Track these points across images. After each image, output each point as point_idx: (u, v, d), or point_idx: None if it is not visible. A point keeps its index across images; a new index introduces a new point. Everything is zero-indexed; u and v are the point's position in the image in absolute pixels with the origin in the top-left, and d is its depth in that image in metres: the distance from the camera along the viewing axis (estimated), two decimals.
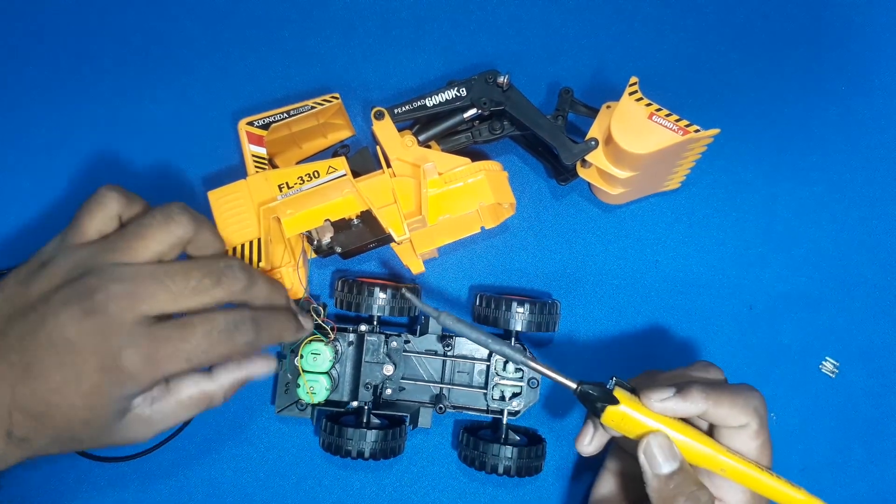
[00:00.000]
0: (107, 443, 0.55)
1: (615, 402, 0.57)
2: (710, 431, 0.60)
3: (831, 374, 0.77)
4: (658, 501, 0.57)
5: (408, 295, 0.61)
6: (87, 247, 0.54)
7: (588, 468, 0.75)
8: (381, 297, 0.70)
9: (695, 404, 0.56)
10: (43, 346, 0.50)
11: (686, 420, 0.59)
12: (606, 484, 0.68)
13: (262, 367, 0.61)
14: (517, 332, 0.71)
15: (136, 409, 0.54)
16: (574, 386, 0.58)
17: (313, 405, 0.72)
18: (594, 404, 0.57)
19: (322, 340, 0.70)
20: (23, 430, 0.51)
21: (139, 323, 0.51)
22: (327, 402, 0.71)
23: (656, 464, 0.56)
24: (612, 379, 0.58)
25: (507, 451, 0.69)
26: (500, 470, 0.68)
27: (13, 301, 0.53)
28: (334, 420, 0.71)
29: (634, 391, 0.59)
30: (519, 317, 0.70)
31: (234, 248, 0.66)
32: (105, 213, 0.56)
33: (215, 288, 0.54)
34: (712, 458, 0.57)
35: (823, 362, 0.77)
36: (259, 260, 0.66)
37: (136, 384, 0.51)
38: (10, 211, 0.78)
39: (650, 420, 0.57)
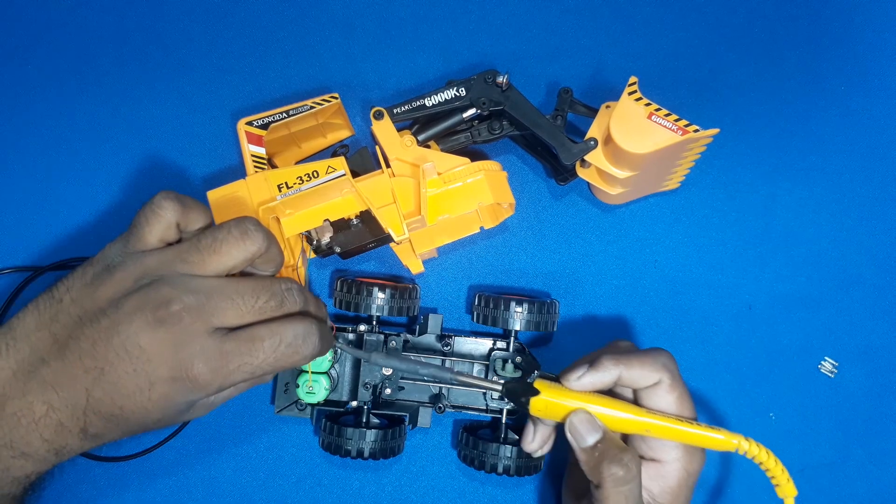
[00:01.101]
0: (172, 426, 0.61)
1: (536, 392, 0.60)
2: (635, 398, 0.63)
3: (830, 374, 0.77)
4: (588, 472, 0.59)
5: (338, 345, 0.66)
6: (155, 254, 0.55)
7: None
8: (380, 297, 0.70)
9: (607, 372, 0.60)
10: (116, 353, 0.51)
11: (609, 393, 0.62)
12: (575, 472, 0.68)
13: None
14: (516, 331, 0.71)
15: (200, 402, 0.57)
16: (498, 388, 0.62)
17: (313, 405, 0.72)
18: (519, 399, 0.61)
19: None
20: (97, 428, 0.53)
21: (210, 335, 0.52)
22: (327, 402, 0.71)
23: (581, 438, 0.59)
24: (534, 373, 0.62)
25: (507, 450, 0.69)
26: (500, 469, 0.68)
27: (82, 303, 0.54)
28: (334, 420, 0.71)
29: (557, 379, 0.62)
30: (518, 316, 0.70)
31: None
32: (164, 222, 0.56)
33: (279, 309, 0.56)
34: (634, 421, 0.60)
35: (822, 362, 0.77)
36: None
37: (204, 392, 0.53)
38: (9, 210, 0.78)
39: (572, 401, 0.60)
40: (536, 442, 0.64)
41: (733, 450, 0.59)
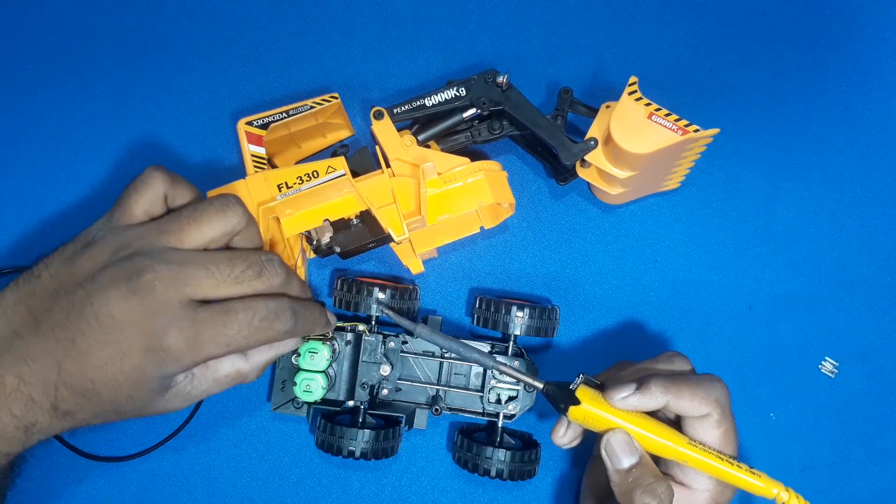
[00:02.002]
0: (147, 414, 0.56)
1: (577, 402, 0.59)
2: (678, 420, 0.61)
3: (831, 374, 0.77)
4: (619, 494, 0.58)
5: (386, 311, 0.66)
6: (136, 228, 0.55)
7: (583, 473, 0.75)
8: (379, 297, 0.70)
9: (654, 399, 0.58)
10: (89, 323, 0.51)
11: (651, 412, 0.61)
12: (597, 468, 0.68)
13: (287, 345, 0.63)
14: (516, 335, 0.71)
15: (177, 386, 0.56)
16: (540, 386, 0.61)
17: (309, 404, 0.72)
18: (558, 405, 0.60)
19: (319, 339, 0.70)
20: (68, 404, 0.52)
21: (184, 306, 0.52)
22: (323, 401, 0.71)
23: (616, 459, 0.58)
24: (578, 377, 0.61)
25: (501, 454, 0.69)
26: (493, 473, 0.68)
27: (59, 277, 0.53)
28: (329, 419, 0.71)
29: (601, 387, 0.61)
30: (518, 321, 0.70)
31: None
32: (152, 193, 0.57)
33: (256, 280, 0.56)
34: (673, 449, 0.59)
35: (823, 362, 0.77)
36: None
37: (178, 365, 0.53)
38: (9, 210, 0.78)
39: (612, 416, 0.59)
40: (566, 437, 0.63)
41: (771, 498, 0.58)
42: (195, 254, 0.54)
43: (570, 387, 0.60)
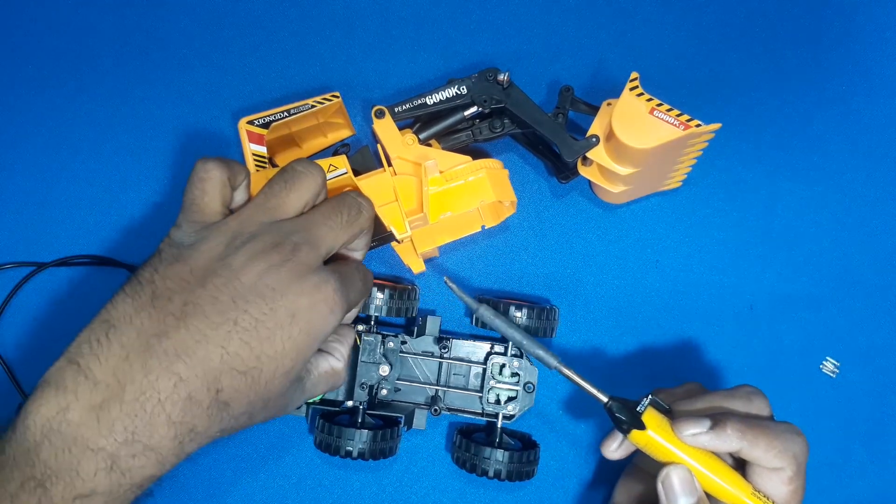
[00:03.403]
0: (282, 409, 0.56)
1: (642, 426, 0.57)
2: (743, 464, 0.59)
3: (832, 375, 0.77)
4: None
5: (449, 284, 0.65)
6: (232, 219, 0.55)
7: (583, 473, 0.75)
8: (379, 297, 0.70)
9: (728, 442, 0.55)
10: (248, 299, 0.51)
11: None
12: (637, 479, 0.67)
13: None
14: None
15: (304, 379, 0.57)
16: (605, 400, 0.59)
17: (308, 404, 0.72)
18: (621, 425, 0.58)
19: None
20: (228, 392, 0.50)
21: (321, 266, 0.55)
22: (322, 401, 0.71)
23: (673, 496, 0.56)
24: (646, 398, 0.59)
25: (499, 454, 0.68)
26: (491, 473, 0.68)
27: (181, 277, 0.51)
28: (328, 419, 0.71)
29: (669, 412, 0.59)
30: (517, 321, 0.70)
31: None
32: (216, 181, 0.56)
33: (359, 217, 0.60)
34: (735, 496, 0.56)
35: (824, 362, 0.77)
36: None
37: (336, 318, 0.55)
38: (9, 210, 0.78)
39: (677, 450, 0.57)
40: (619, 453, 0.62)
41: None
42: (306, 217, 0.57)
43: (638, 408, 0.58)
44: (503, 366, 0.72)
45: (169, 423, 0.48)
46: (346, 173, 0.68)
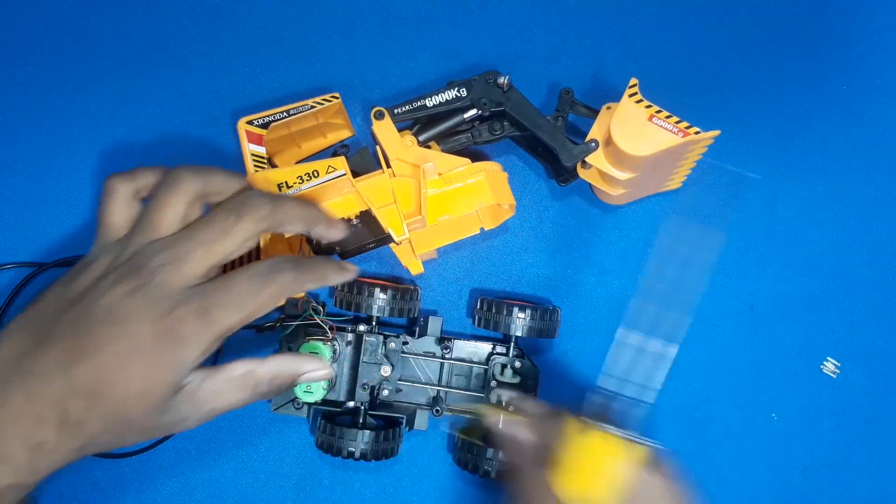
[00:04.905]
0: (156, 425, 0.54)
1: None
2: None
3: (832, 375, 0.77)
4: None
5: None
6: (123, 238, 0.55)
7: None
8: (381, 298, 0.70)
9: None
10: (96, 325, 0.50)
11: None
12: None
13: (315, 366, 0.59)
14: (517, 336, 0.71)
15: (187, 386, 0.53)
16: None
17: (310, 404, 0.72)
18: None
19: (320, 339, 0.70)
20: (76, 414, 0.50)
21: (189, 286, 0.52)
22: (324, 402, 0.71)
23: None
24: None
25: (501, 455, 0.69)
26: (494, 474, 0.68)
27: (63, 296, 0.53)
28: (330, 419, 0.71)
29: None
30: (520, 322, 0.70)
31: None
32: (120, 199, 0.56)
33: (240, 222, 0.53)
34: None
35: (824, 362, 0.77)
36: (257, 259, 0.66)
37: (193, 346, 0.51)
38: (9, 210, 0.78)
39: None
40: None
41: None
42: (176, 234, 0.54)
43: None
44: (505, 366, 0.72)
45: (19, 438, 0.49)
46: (344, 175, 0.68)
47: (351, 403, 0.72)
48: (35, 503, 0.59)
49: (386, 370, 0.71)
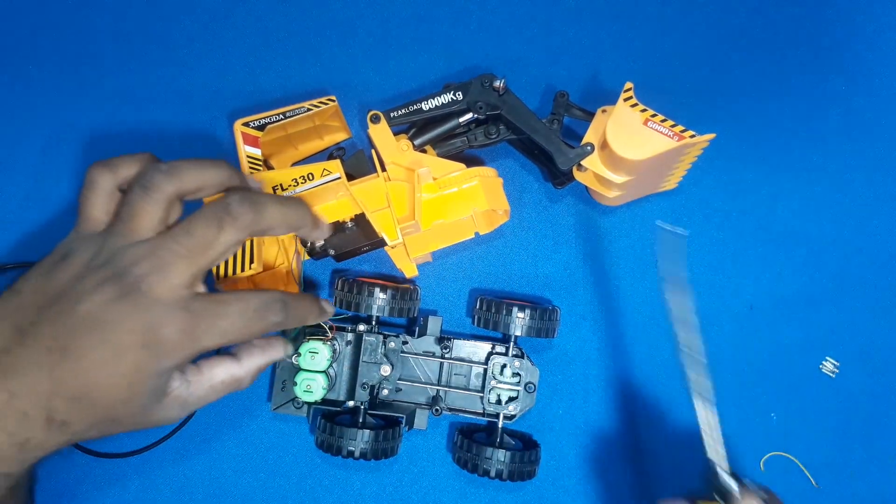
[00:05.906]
0: (143, 424, 0.55)
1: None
2: None
3: (831, 374, 0.76)
4: None
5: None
6: (101, 235, 0.54)
7: (583, 473, 0.75)
8: (380, 298, 0.70)
9: None
10: (80, 329, 0.50)
11: None
12: None
13: (279, 351, 0.61)
14: (516, 336, 0.71)
15: (173, 392, 0.54)
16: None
17: (309, 404, 0.72)
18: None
19: (320, 339, 0.70)
20: (62, 414, 0.51)
21: (176, 298, 0.51)
22: (324, 401, 0.71)
23: None
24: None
25: (500, 454, 0.69)
26: (493, 473, 0.68)
27: (41, 291, 0.53)
28: (329, 419, 0.71)
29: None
30: (519, 322, 0.70)
31: None
32: (100, 192, 0.56)
33: (221, 234, 0.52)
34: None
35: (823, 362, 0.77)
36: (251, 261, 0.66)
37: (175, 358, 0.52)
38: (9, 210, 0.79)
39: None
40: None
41: None
42: (158, 239, 0.52)
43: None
44: (504, 366, 0.72)
45: (5, 433, 0.50)
46: (339, 178, 0.68)
47: (351, 403, 0.72)
48: (34, 482, 0.59)
49: (386, 370, 0.72)
